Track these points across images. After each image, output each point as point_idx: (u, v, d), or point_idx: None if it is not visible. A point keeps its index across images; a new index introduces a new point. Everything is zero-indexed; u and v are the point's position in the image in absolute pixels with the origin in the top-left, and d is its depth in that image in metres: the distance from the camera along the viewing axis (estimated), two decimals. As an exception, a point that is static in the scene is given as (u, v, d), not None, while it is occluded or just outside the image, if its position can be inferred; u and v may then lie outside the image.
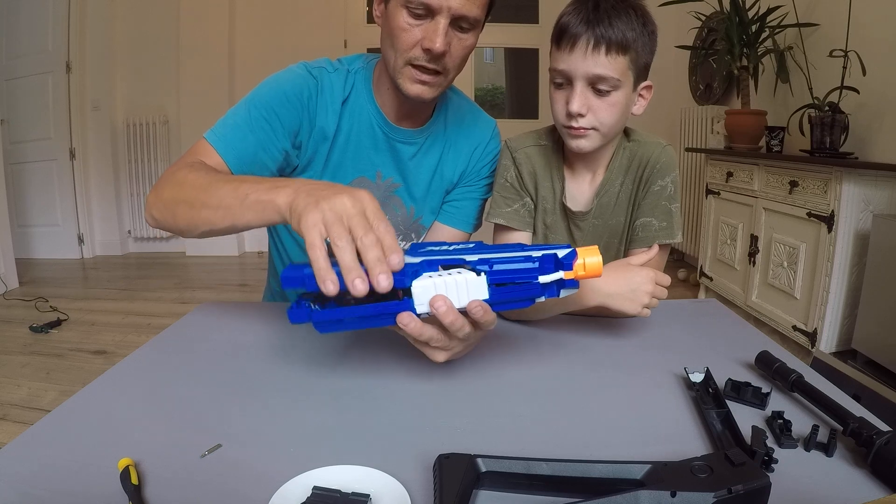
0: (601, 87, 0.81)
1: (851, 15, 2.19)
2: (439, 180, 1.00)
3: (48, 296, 3.15)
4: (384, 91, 0.90)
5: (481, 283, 0.56)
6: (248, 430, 0.59)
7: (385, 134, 0.93)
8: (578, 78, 0.81)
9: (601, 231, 0.97)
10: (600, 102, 0.82)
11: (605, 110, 0.83)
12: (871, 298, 1.89)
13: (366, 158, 0.94)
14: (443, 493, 0.45)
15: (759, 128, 2.65)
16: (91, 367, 2.29)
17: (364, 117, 0.91)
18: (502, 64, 4.63)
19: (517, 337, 0.86)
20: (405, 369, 0.74)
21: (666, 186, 0.91)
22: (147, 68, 4.11)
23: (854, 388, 1.65)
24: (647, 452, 0.54)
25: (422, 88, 0.82)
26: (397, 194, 0.98)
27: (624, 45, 0.79)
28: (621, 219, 0.96)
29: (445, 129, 0.98)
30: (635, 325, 0.92)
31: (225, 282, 3.62)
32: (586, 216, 0.95)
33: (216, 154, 0.83)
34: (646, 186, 0.93)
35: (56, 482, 0.50)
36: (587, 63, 0.79)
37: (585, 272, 0.59)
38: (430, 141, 0.97)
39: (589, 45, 0.79)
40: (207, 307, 0.98)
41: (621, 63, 0.80)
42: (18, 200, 3.98)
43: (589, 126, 0.83)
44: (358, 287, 0.53)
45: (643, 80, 0.87)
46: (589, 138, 0.85)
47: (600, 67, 0.79)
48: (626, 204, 0.95)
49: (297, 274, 0.57)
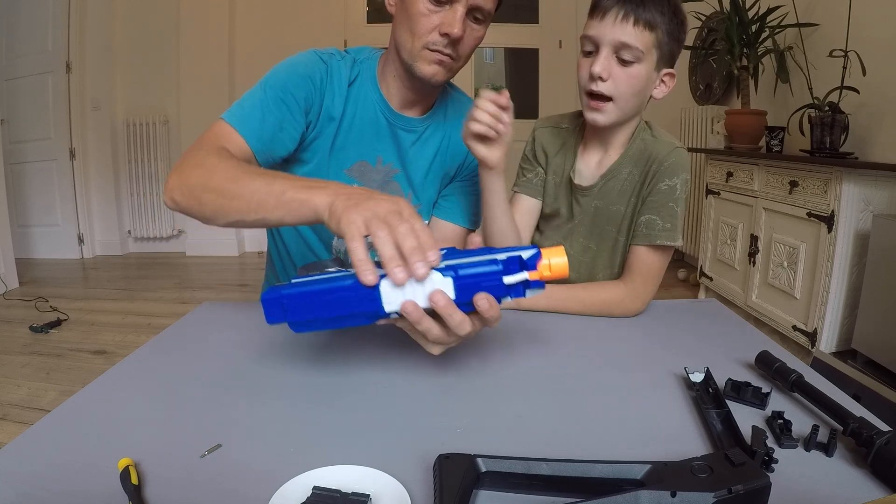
0: (625, 56, 0.86)
1: (851, 15, 2.19)
2: (437, 169, 1.02)
3: (48, 296, 3.15)
4: (389, 79, 0.94)
5: (447, 285, 0.57)
6: (248, 430, 0.59)
7: (387, 120, 0.96)
8: (605, 44, 0.87)
9: (601, 214, 1.00)
10: (622, 71, 0.87)
11: (625, 81, 0.87)
12: (871, 298, 1.89)
13: (368, 143, 0.96)
14: (443, 493, 0.45)
15: (759, 128, 2.64)
16: (91, 367, 2.29)
17: (368, 103, 0.94)
18: (502, 64, 4.63)
19: (517, 337, 0.86)
20: (405, 369, 0.74)
21: (675, 187, 0.93)
22: (147, 68, 4.11)
23: (854, 388, 1.65)
24: (647, 452, 0.54)
25: (437, 69, 0.86)
26: (396, 180, 0.99)
27: (651, 23, 0.85)
28: (621, 208, 0.98)
29: (445, 120, 1.01)
30: (635, 325, 0.92)
31: (225, 282, 3.62)
32: (588, 191, 0.99)
33: (236, 134, 0.84)
34: (651, 182, 0.94)
35: (56, 482, 0.50)
36: (615, 31, 0.85)
37: (551, 273, 0.60)
38: (431, 130, 0.99)
39: (619, 15, 0.85)
40: (207, 307, 0.98)
41: (647, 37, 0.85)
42: (18, 200, 3.98)
43: (608, 93, 0.88)
44: (398, 276, 0.55)
45: (667, 66, 0.91)
46: (605, 112, 0.90)
47: (626, 36, 0.85)
48: (629, 195, 0.97)
49: (274, 295, 0.60)
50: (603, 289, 0.96)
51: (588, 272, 1.05)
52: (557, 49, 4.30)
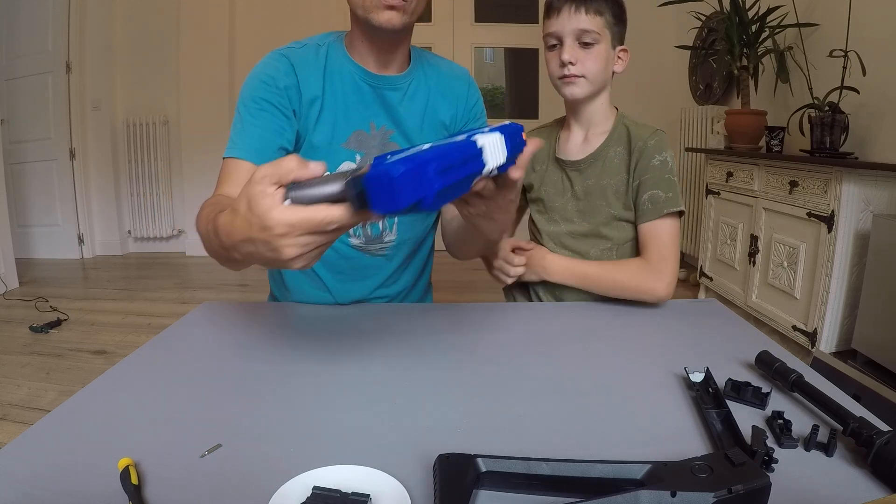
0: (586, 39, 1.00)
1: (851, 15, 2.19)
2: (431, 119, 1.03)
3: (48, 296, 3.15)
4: (359, 46, 0.96)
5: (501, 141, 0.59)
6: (248, 430, 0.59)
7: (370, 85, 0.97)
8: (567, 34, 1.01)
9: (592, 191, 1.08)
10: (586, 54, 1.01)
11: (591, 60, 1.01)
12: (871, 298, 1.88)
13: (356, 113, 0.97)
14: (443, 493, 0.45)
15: (759, 128, 2.64)
16: (91, 367, 2.29)
17: (346, 77, 0.97)
18: (502, 64, 4.63)
19: (517, 337, 0.86)
20: (405, 369, 0.74)
21: (666, 160, 1.03)
22: (147, 68, 4.11)
23: (854, 388, 1.64)
24: (647, 452, 0.54)
25: (391, 14, 0.88)
26: (393, 140, 1.01)
27: (599, 9, 1.00)
28: (611, 181, 1.06)
29: (426, 76, 1.03)
30: (635, 324, 0.92)
31: (225, 282, 3.62)
32: (577, 165, 1.09)
33: (239, 161, 0.89)
34: (640, 158, 1.03)
35: (56, 482, 0.50)
36: (572, 21, 1.00)
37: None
38: (415, 86, 1.01)
39: (571, 8, 1.00)
40: (208, 307, 0.98)
41: (599, 21, 1.00)
42: (18, 200, 3.98)
43: (578, 73, 1.01)
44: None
45: (619, 44, 1.05)
46: (579, 85, 1.02)
47: (583, 23, 0.99)
48: (618, 169, 1.06)
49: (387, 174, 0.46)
50: (628, 263, 1.03)
51: (583, 246, 1.09)
52: (557, 49, 4.29)
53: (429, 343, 0.83)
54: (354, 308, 0.99)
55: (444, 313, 0.97)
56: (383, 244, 1.03)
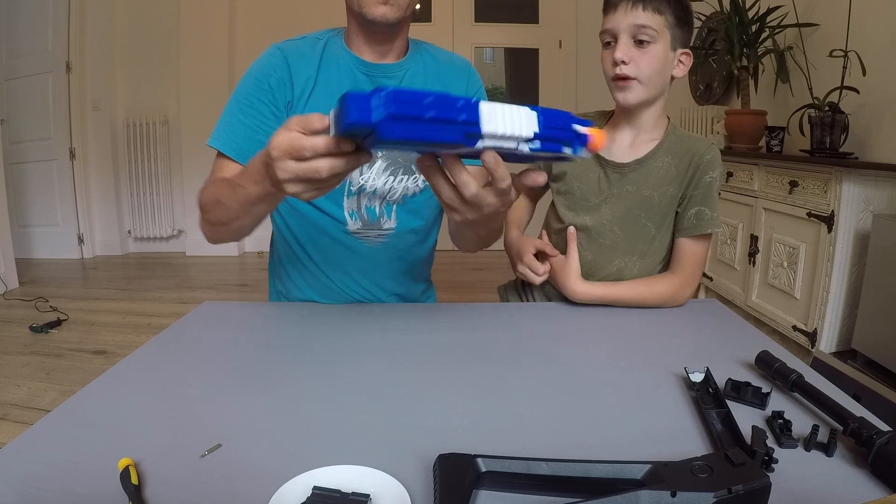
0: (641, 37, 0.94)
1: (851, 15, 2.19)
2: None
3: (48, 296, 3.15)
4: (355, 38, 0.98)
5: (532, 118, 0.55)
6: (248, 430, 0.59)
7: (366, 75, 0.99)
8: (622, 31, 0.95)
9: (632, 198, 1.02)
10: (641, 53, 0.94)
11: (646, 61, 0.94)
12: (871, 298, 1.88)
13: None
14: (443, 493, 0.45)
15: (759, 128, 2.64)
16: (91, 367, 2.29)
17: (343, 67, 0.98)
18: (502, 64, 4.63)
19: (517, 337, 0.86)
20: (406, 369, 0.74)
21: (716, 178, 1.00)
22: (147, 68, 4.11)
23: (854, 388, 1.65)
24: (647, 452, 0.54)
25: (385, 9, 0.89)
26: None
27: (658, 6, 0.93)
28: (654, 194, 1.01)
29: (424, 64, 1.04)
30: (635, 325, 0.92)
31: (225, 282, 3.62)
32: (620, 169, 1.03)
33: (228, 161, 0.93)
34: (697, 175, 0.99)
35: (56, 482, 0.50)
36: (628, 17, 0.94)
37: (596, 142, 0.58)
38: (412, 73, 1.02)
39: (629, 4, 0.94)
40: (208, 307, 0.98)
41: (658, 19, 0.94)
42: (18, 200, 3.98)
43: (632, 75, 0.95)
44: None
45: (681, 47, 0.98)
46: (632, 90, 0.96)
47: (639, 19, 0.93)
48: (665, 183, 1.01)
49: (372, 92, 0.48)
50: (659, 284, 1.01)
51: (606, 255, 1.04)
52: (557, 49, 4.30)
53: (429, 343, 0.83)
54: (354, 308, 0.99)
55: (444, 313, 0.97)
56: (381, 231, 1.02)
